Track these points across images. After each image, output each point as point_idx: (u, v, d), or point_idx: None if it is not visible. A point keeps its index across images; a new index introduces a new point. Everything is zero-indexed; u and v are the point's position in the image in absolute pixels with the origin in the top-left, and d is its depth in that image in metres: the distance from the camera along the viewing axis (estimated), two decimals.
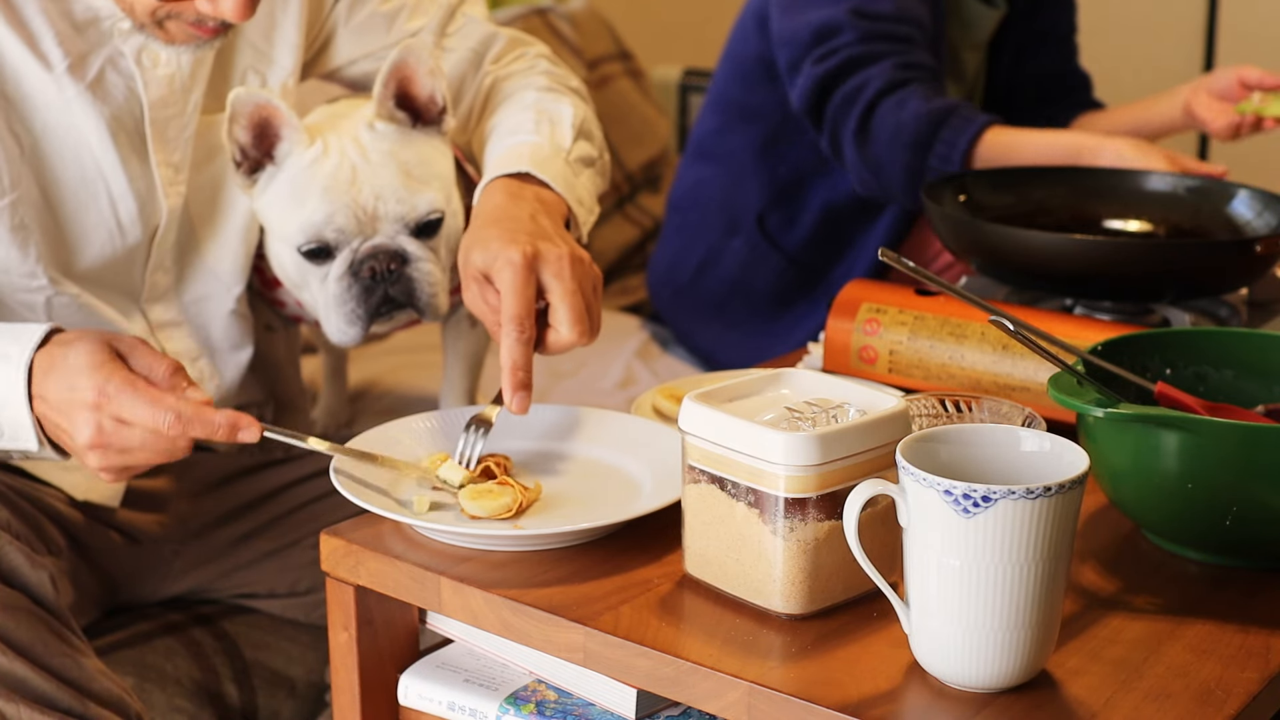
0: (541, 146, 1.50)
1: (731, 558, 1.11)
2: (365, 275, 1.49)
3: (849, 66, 2.11)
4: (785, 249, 2.36)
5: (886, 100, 2.06)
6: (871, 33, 2.11)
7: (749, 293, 2.40)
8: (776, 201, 2.36)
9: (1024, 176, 1.86)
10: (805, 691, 1.00)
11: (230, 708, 1.60)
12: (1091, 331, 1.43)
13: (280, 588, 1.68)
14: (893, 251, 1.14)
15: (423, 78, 1.52)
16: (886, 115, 2.05)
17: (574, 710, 1.18)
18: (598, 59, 2.99)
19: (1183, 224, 1.78)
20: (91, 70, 1.44)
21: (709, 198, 2.44)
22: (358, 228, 1.49)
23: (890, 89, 2.07)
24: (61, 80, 1.42)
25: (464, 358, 1.83)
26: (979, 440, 1.05)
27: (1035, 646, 1.00)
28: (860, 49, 2.10)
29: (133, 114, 1.47)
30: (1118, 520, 1.26)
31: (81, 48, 1.43)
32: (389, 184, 1.49)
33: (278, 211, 1.51)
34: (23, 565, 1.31)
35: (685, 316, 2.48)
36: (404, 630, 1.26)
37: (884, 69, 2.08)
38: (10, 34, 1.40)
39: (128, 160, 1.47)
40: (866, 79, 2.08)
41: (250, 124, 1.48)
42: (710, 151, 2.46)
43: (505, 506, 1.22)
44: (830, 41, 2.13)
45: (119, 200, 1.48)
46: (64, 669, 1.29)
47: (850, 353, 1.53)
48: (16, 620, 1.28)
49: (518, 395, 1.29)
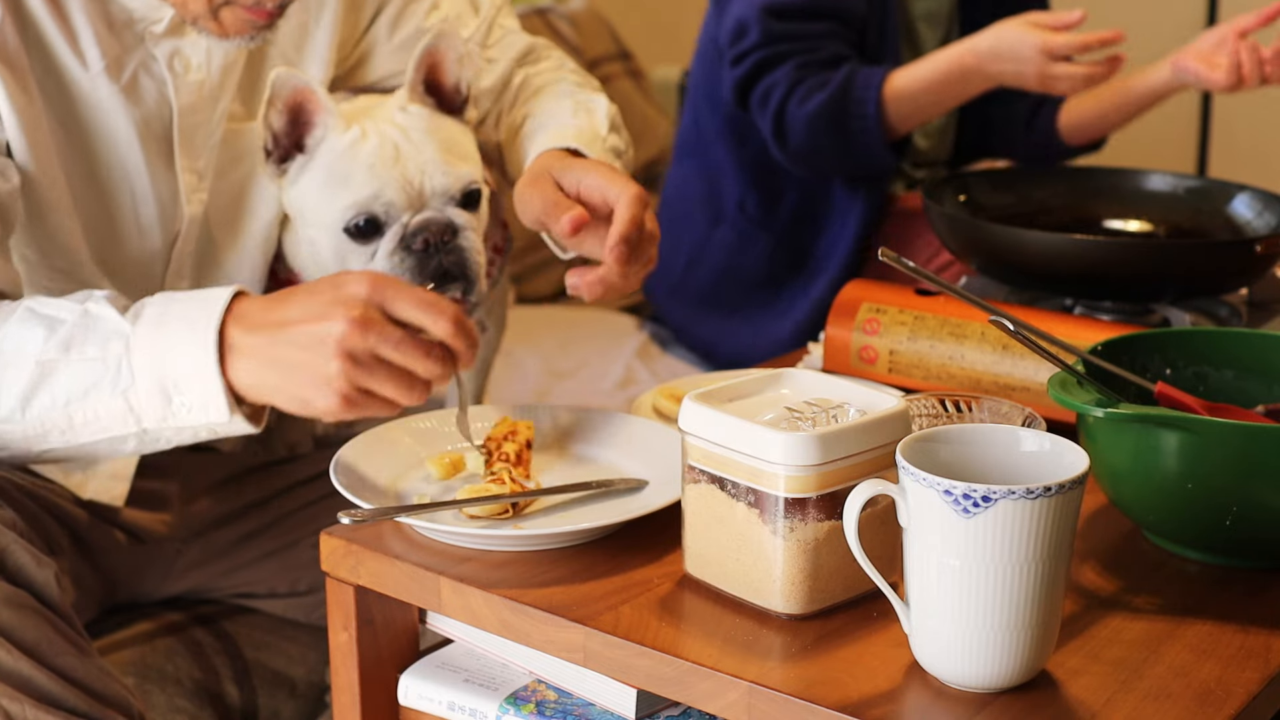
0: (583, 129, 1.53)
1: (731, 558, 1.11)
2: (419, 247, 1.47)
3: (757, 72, 2.19)
4: (769, 230, 2.39)
5: (790, 103, 2.15)
6: (776, 33, 2.17)
7: (740, 278, 2.42)
8: (753, 184, 2.39)
9: (1024, 176, 1.86)
10: (805, 691, 1.00)
11: (231, 708, 1.60)
12: (1091, 331, 1.43)
13: (281, 587, 1.68)
14: (890, 251, 1.14)
15: (451, 65, 1.54)
16: (795, 116, 2.14)
17: (574, 710, 1.18)
18: (598, 59, 2.99)
19: (1183, 224, 1.78)
20: (126, 72, 1.44)
21: (693, 192, 2.48)
22: (406, 202, 1.48)
23: (791, 91, 2.15)
24: (97, 80, 1.42)
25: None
26: (979, 440, 1.05)
27: (1035, 646, 1.00)
28: (764, 52, 2.18)
29: (161, 118, 1.47)
30: (1118, 520, 1.26)
31: (117, 49, 1.43)
32: (432, 159, 1.50)
33: (315, 196, 1.49)
34: (29, 563, 1.31)
35: (681, 311, 2.50)
36: (404, 630, 1.26)
37: (786, 72, 2.16)
38: (54, 28, 1.40)
39: (153, 164, 1.47)
40: (772, 84, 2.17)
41: (286, 107, 1.47)
42: (689, 147, 2.50)
43: (503, 507, 1.22)
44: (740, 43, 2.21)
45: (141, 203, 1.48)
46: (69, 668, 1.29)
47: (850, 353, 1.53)
48: (22, 619, 1.27)
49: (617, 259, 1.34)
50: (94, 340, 1.26)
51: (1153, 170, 1.84)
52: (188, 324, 1.24)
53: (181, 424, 1.27)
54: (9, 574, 1.30)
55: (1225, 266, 1.56)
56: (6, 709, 1.22)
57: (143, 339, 1.25)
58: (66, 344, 1.26)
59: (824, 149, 2.15)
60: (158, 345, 1.24)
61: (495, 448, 1.31)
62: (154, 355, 1.24)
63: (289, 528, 1.68)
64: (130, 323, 1.26)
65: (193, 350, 1.23)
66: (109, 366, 1.25)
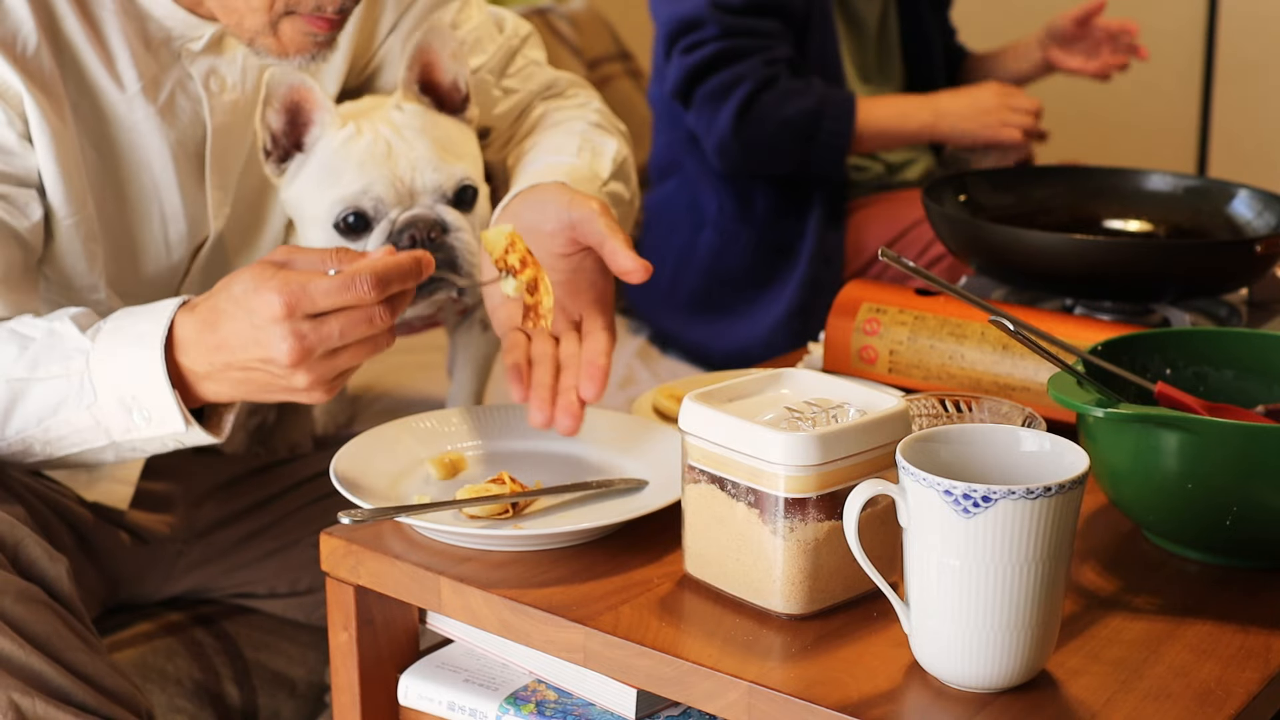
0: (579, 168, 1.49)
1: (731, 558, 1.11)
2: (405, 244, 1.46)
3: (717, 61, 2.35)
4: (750, 226, 2.48)
5: (766, 95, 2.33)
6: (732, 28, 2.35)
7: (726, 278, 2.49)
8: (727, 189, 2.49)
9: (1024, 176, 1.86)
10: (805, 691, 1.00)
11: (231, 708, 1.60)
12: (1091, 331, 1.43)
13: (281, 587, 1.69)
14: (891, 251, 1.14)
15: (445, 61, 1.52)
16: (769, 109, 2.33)
17: (574, 710, 1.18)
18: (598, 59, 2.99)
19: (1183, 224, 1.78)
20: (164, 93, 1.43)
21: (675, 205, 2.59)
22: (395, 199, 1.47)
23: (766, 85, 2.33)
24: (134, 101, 1.42)
25: (474, 361, 1.83)
26: (979, 440, 1.05)
27: (1035, 646, 1.00)
28: (725, 44, 2.35)
29: (195, 137, 1.46)
30: (1118, 520, 1.26)
31: (154, 69, 1.42)
32: (424, 156, 1.48)
33: (310, 193, 1.49)
34: (41, 558, 1.31)
35: (670, 318, 2.53)
36: (404, 630, 1.26)
37: (753, 66, 2.34)
38: (90, 51, 1.39)
39: (184, 183, 1.47)
40: (739, 75, 2.34)
41: (284, 106, 1.46)
42: (666, 167, 2.61)
43: (503, 507, 1.22)
44: (694, 34, 2.37)
45: (170, 220, 1.48)
46: (80, 664, 1.29)
47: (850, 353, 1.53)
48: (35, 613, 1.27)
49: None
50: (57, 358, 1.28)
51: (1153, 170, 1.84)
52: (138, 339, 1.26)
53: (145, 435, 1.29)
54: (22, 569, 1.30)
55: (1225, 266, 1.56)
56: (17, 703, 1.22)
57: (101, 355, 1.27)
58: (34, 362, 1.28)
59: (784, 151, 2.38)
60: (114, 361, 1.27)
61: (504, 265, 1.28)
62: (111, 371, 1.27)
63: (290, 528, 1.68)
64: (90, 339, 1.28)
65: (145, 367, 1.25)
66: (72, 383, 1.28)
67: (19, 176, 1.36)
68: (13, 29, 1.34)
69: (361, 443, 1.32)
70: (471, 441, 1.35)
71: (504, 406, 1.40)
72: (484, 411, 1.39)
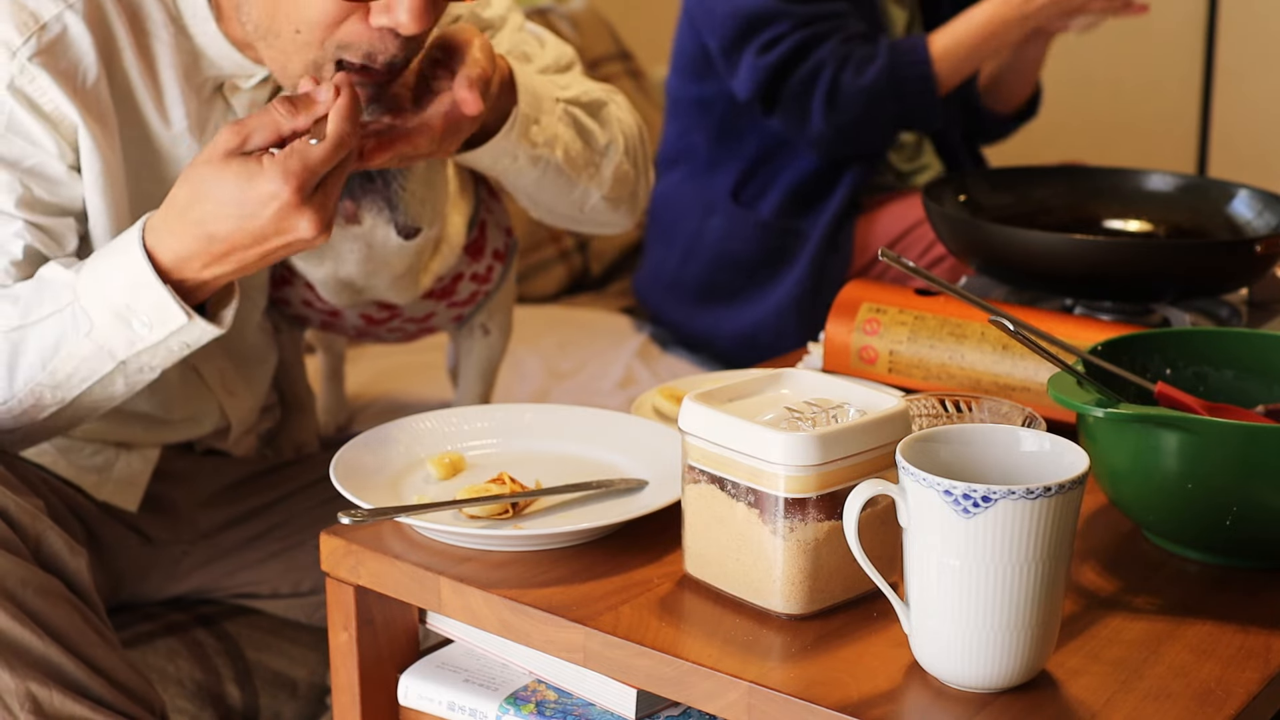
0: (545, 82, 1.51)
1: (731, 558, 1.11)
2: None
3: (797, 54, 2.28)
4: (760, 213, 2.45)
5: (844, 73, 2.26)
6: (805, 17, 2.28)
7: (733, 264, 2.48)
8: (749, 175, 2.46)
9: (1024, 176, 1.86)
10: (805, 691, 1.00)
11: (232, 709, 1.60)
12: (1091, 331, 1.43)
13: (283, 588, 1.69)
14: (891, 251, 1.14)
15: None
16: (850, 85, 2.26)
17: (574, 710, 1.18)
18: (598, 59, 2.99)
19: (1183, 224, 1.78)
20: (209, 130, 1.44)
21: (683, 196, 2.54)
22: None
23: (844, 63, 2.27)
24: (180, 139, 1.43)
25: (477, 366, 1.84)
26: (979, 440, 1.05)
27: (1035, 646, 1.00)
28: (802, 35, 2.28)
29: None
30: (1118, 520, 1.26)
31: (199, 108, 1.43)
32: None
33: None
34: (62, 551, 1.31)
35: (676, 307, 2.53)
36: (404, 630, 1.27)
37: (831, 49, 2.27)
38: (143, 86, 1.40)
39: None
40: (820, 61, 2.27)
41: None
42: (674, 157, 2.56)
43: (503, 507, 1.22)
44: (767, 32, 2.29)
45: None
46: (97, 658, 1.29)
47: (850, 353, 1.53)
48: (54, 606, 1.27)
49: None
50: (48, 299, 1.32)
51: (1153, 170, 1.84)
52: (116, 250, 1.30)
53: (150, 342, 1.31)
54: (43, 561, 1.30)
55: (1225, 266, 1.56)
56: (35, 694, 1.22)
57: (86, 282, 1.31)
58: (27, 310, 1.32)
59: (878, 117, 2.29)
60: (98, 282, 1.30)
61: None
62: (99, 291, 1.30)
63: (294, 529, 1.69)
64: (75, 273, 1.32)
65: (130, 269, 1.28)
66: (65, 317, 1.31)
67: (62, 206, 1.39)
68: (75, 60, 1.36)
69: (361, 443, 1.32)
70: (471, 441, 1.35)
71: (504, 406, 1.40)
72: (484, 411, 1.39)
